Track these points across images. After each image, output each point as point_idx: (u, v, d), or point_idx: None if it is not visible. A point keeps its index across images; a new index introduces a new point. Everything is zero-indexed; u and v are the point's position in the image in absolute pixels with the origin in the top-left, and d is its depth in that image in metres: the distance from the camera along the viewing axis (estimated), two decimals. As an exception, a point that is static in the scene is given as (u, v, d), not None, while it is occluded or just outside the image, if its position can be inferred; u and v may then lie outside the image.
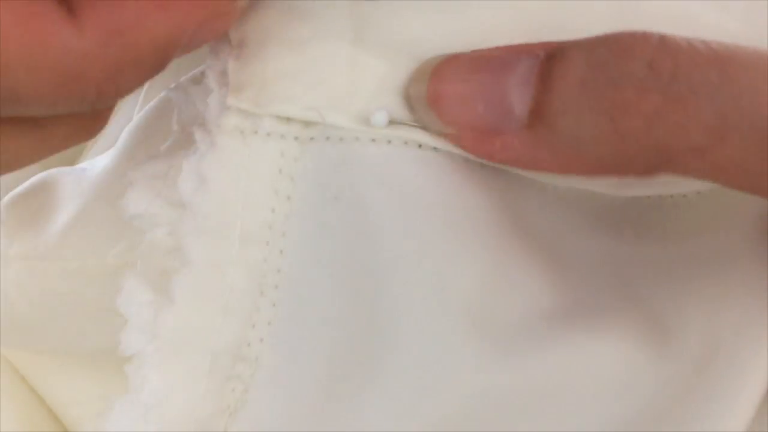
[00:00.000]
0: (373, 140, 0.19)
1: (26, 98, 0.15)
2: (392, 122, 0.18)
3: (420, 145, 0.19)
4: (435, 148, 0.19)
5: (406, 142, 0.19)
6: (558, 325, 0.19)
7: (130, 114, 0.31)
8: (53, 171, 0.28)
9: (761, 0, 0.20)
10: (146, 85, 0.29)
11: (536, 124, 0.17)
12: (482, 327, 0.18)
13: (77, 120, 0.18)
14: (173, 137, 0.20)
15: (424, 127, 0.19)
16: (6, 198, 0.26)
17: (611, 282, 0.20)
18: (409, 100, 0.19)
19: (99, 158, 0.27)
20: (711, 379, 0.18)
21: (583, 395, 0.18)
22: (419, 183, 0.19)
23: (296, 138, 0.19)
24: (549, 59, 0.17)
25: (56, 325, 0.27)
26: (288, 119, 0.18)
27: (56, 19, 0.15)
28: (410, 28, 0.19)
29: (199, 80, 0.21)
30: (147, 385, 0.18)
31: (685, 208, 0.21)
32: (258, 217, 0.18)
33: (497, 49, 0.18)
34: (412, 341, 0.18)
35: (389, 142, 0.19)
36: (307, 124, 0.18)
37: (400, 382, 0.18)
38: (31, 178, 0.28)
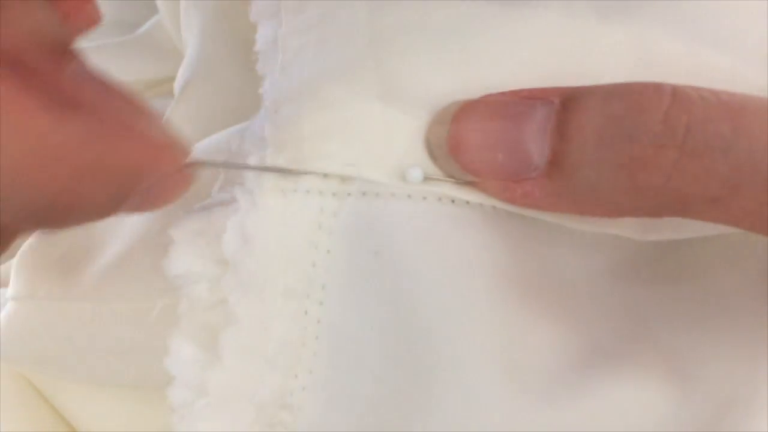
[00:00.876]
0: (409, 196, 0.19)
1: None
2: (427, 178, 0.19)
3: (453, 201, 0.19)
4: (467, 203, 0.19)
5: (440, 199, 0.19)
6: (585, 374, 0.19)
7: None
8: None
9: None
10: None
11: (555, 173, 0.18)
12: (516, 378, 0.19)
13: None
14: (212, 197, 0.20)
15: (450, 176, 0.19)
16: (28, 242, 0.27)
17: (629, 324, 0.20)
18: (429, 147, 0.19)
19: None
20: (731, 424, 0.19)
21: None
22: (454, 240, 0.19)
23: (334, 194, 0.19)
24: (565, 108, 0.18)
25: (84, 361, 0.27)
26: (326, 176, 0.19)
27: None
28: (433, 81, 0.19)
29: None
30: None
31: (701, 247, 0.22)
32: (299, 272, 0.19)
33: (513, 93, 0.19)
34: (451, 393, 0.19)
35: (424, 198, 0.19)
36: (344, 180, 0.19)
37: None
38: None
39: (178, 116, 0.25)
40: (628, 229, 0.20)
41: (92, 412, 0.29)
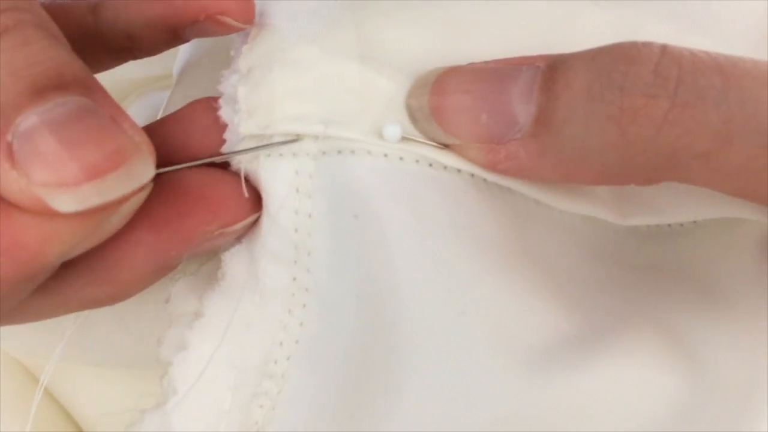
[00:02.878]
0: (386, 155, 0.19)
1: None
2: (404, 138, 0.19)
3: (431, 164, 0.19)
4: (445, 167, 0.19)
5: (417, 160, 0.19)
6: (579, 350, 0.19)
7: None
8: None
9: (760, 30, 0.20)
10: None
11: (541, 132, 0.17)
12: (506, 350, 0.18)
13: (95, 288, 0.18)
14: None
15: (431, 139, 0.19)
16: None
17: (621, 305, 0.20)
18: (410, 110, 0.19)
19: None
20: (741, 405, 0.19)
21: (610, 418, 0.18)
22: (433, 203, 0.19)
23: (308, 154, 0.19)
24: (550, 69, 0.17)
25: (86, 340, 0.27)
26: (298, 136, 0.19)
27: None
28: (414, 45, 0.19)
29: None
30: (173, 398, 0.19)
31: (681, 236, 0.22)
32: (283, 238, 0.19)
33: (497, 61, 0.19)
34: (434, 362, 0.18)
35: (401, 159, 0.19)
36: (317, 139, 0.19)
37: (425, 402, 0.18)
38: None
39: (178, 98, 0.25)
40: (606, 210, 0.20)
41: (90, 394, 0.29)
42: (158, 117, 0.28)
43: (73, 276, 0.18)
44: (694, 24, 0.20)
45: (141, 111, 0.34)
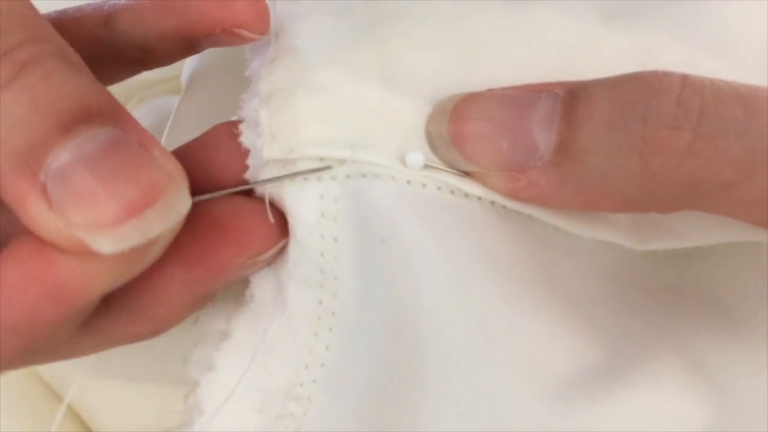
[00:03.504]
0: (409, 182, 0.19)
1: None
2: (427, 165, 0.19)
3: (452, 191, 0.19)
4: (466, 195, 0.19)
5: (439, 187, 0.19)
6: (602, 379, 0.19)
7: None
8: None
9: None
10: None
11: (563, 161, 0.17)
12: (532, 379, 0.18)
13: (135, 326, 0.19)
14: None
15: (451, 166, 0.19)
16: None
17: (641, 330, 0.20)
18: (430, 138, 0.19)
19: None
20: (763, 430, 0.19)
21: None
22: (457, 231, 0.19)
23: (333, 178, 0.19)
24: (571, 97, 0.17)
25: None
26: (322, 160, 0.19)
27: None
28: (435, 69, 0.19)
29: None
30: (199, 419, 0.19)
31: (698, 258, 0.22)
32: (309, 262, 0.19)
33: (515, 87, 0.19)
34: (460, 389, 0.18)
35: (424, 185, 0.19)
36: (342, 163, 0.19)
37: (449, 429, 0.18)
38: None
39: (186, 109, 0.25)
40: (624, 236, 0.20)
41: (111, 409, 0.29)
42: (167, 125, 0.28)
43: (113, 316, 0.18)
44: (710, 48, 0.20)
45: (145, 116, 0.34)
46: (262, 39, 0.19)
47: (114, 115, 0.15)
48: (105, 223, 0.14)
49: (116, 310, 0.18)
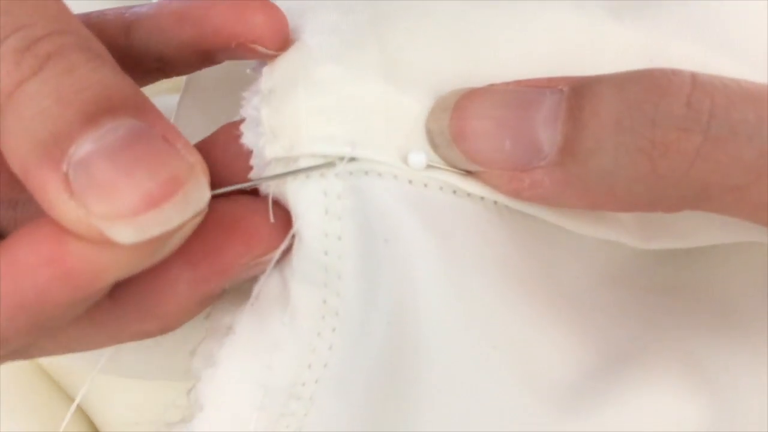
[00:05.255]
0: (410, 182, 0.19)
1: None
2: (429, 165, 0.19)
3: (454, 191, 0.19)
4: (468, 195, 0.19)
5: (441, 188, 0.19)
6: (604, 383, 0.19)
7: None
8: None
9: None
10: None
11: (567, 161, 0.17)
12: (533, 385, 0.18)
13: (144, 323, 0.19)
14: None
15: (452, 165, 0.19)
16: None
17: (641, 330, 0.20)
18: (430, 135, 0.19)
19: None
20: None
21: None
22: (459, 232, 0.19)
23: (336, 175, 0.19)
24: (576, 95, 0.17)
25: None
26: (325, 157, 0.19)
27: None
28: (438, 64, 0.19)
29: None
30: (199, 415, 0.19)
31: (697, 256, 0.22)
32: (312, 260, 0.19)
33: (518, 83, 0.18)
34: (459, 394, 0.18)
35: (426, 185, 0.19)
36: (344, 160, 0.18)
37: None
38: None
39: (187, 108, 0.25)
40: (629, 235, 0.20)
41: (115, 403, 0.29)
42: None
43: (121, 311, 0.18)
44: (719, 45, 0.20)
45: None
46: (279, 55, 0.19)
47: (138, 107, 0.16)
48: (124, 213, 0.15)
49: (124, 306, 0.18)
